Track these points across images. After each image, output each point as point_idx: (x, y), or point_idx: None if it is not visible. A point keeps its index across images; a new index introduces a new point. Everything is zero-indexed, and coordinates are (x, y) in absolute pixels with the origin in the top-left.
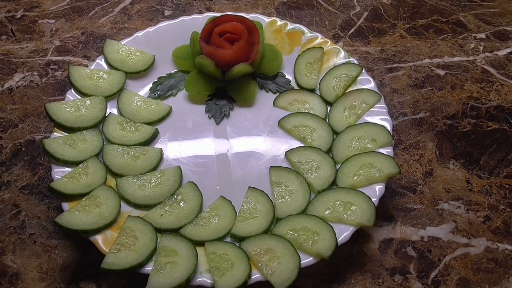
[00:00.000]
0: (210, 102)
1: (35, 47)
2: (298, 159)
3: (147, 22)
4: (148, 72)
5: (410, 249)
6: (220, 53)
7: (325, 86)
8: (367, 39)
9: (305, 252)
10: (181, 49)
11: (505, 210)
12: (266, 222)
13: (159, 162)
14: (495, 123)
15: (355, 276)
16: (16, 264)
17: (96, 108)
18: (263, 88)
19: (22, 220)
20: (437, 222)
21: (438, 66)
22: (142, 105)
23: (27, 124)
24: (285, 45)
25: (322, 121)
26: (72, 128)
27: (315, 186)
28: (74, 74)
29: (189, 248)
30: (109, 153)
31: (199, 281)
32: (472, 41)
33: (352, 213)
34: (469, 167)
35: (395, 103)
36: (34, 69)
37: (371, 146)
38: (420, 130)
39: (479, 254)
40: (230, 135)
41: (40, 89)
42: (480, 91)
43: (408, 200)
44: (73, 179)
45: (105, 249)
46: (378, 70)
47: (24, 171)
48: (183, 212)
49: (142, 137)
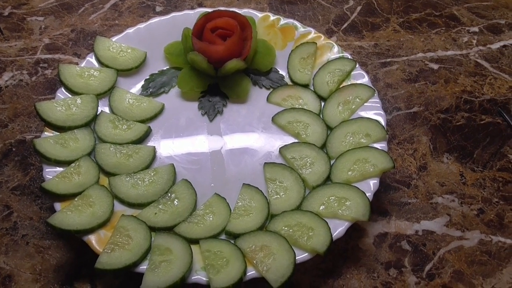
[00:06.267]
0: (203, 99)
1: (24, 45)
2: (293, 155)
3: (138, 18)
4: (140, 69)
5: (404, 243)
6: (212, 49)
7: (318, 82)
8: (360, 33)
9: (300, 248)
10: (173, 45)
11: (498, 202)
12: (261, 218)
13: (152, 160)
14: (489, 116)
15: (351, 271)
16: (9, 265)
17: (88, 107)
18: (257, 84)
19: (14, 221)
20: (431, 216)
21: (432, 60)
22: (134, 103)
23: (17, 124)
24: (278, 41)
25: (316, 116)
26: (63, 127)
27: (309, 182)
28: (64, 72)
29: (184, 246)
30: (102, 152)
31: (194, 279)
32: (466, 34)
33: (347, 208)
34: (462, 161)
35: (389, 97)
36: (23, 67)
37: (365, 141)
38: (414, 125)
39: (473, 247)
40: (224, 132)
41: (30, 88)
42: (474, 84)
43: (403, 195)
44: (65, 179)
45: (99, 249)
46: (372, 64)
47: (15, 172)
48: (177, 210)
49: (134, 135)
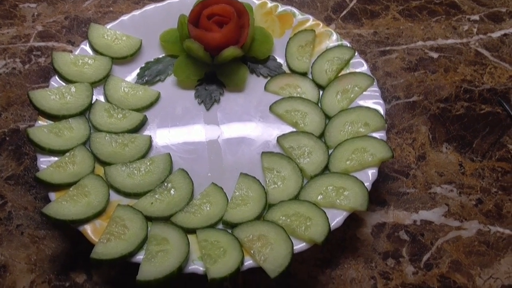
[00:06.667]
0: (199, 87)
1: (16, 32)
2: (290, 144)
3: (133, 5)
4: (135, 57)
5: (402, 233)
6: (209, 36)
7: (317, 70)
8: (359, 21)
9: (298, 237)
10: (168, 33)
11: (497, 193)
12: (258, 208)
13: (148, 150)
14: (488, 106)
15: (348, 261)
16: (4, 256)
17: (82, 95)
18: (254, 72)
19: (9, 211)
20: (430, 206)
21: (432, 48)
22: (129, 92)
23: (11, 113)
24: (276, 28)
25: (314, 105)
26: (57, 116)
27: (307, 172)
28: (58, 60)
29: (181, 236)
30: (97, 141)
31: (191, 268)
32: (466, 23)
33: (345, 198)
34: (461, 151)
35: (388, 86)
36: (16, 55)
37: (363, 130)
38: (413, 114)
39: (471, 237)
40: (221, 121)
41: (23, 76)
42: (474, 73)
43: (401, 184)
44: (59, 169)
45: (94, 239)
46: (371, 53)
47: (9, 161)
48: (174, 200)
49: (130, 124)
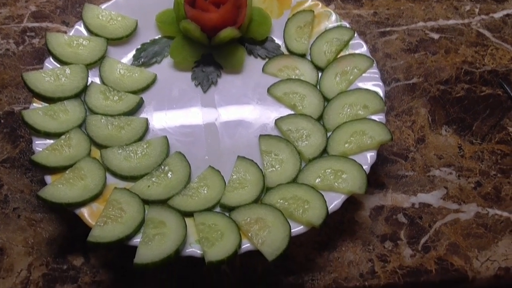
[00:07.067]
0: (196, 69)
1: (9, 13)
2: (289, 127)
3: None
4: (131, 38)
5: (401, 216)
6: (205, 17)
7: (316, 51)
8: (359, 1)
9: (296, 220)
10: (165, 13)
11: (496, 175)
12: (256, 191)
13: (144, 132)
14: (489, 88)
15: (346, 244)
16: (1, 239)
17: (77, 77)
18: (252, 54)
19: (5, 195)
20: (428, 189)
21: (433, 29)
22: (125, 73)
23: (5, 95)
24: (274, 8)
25: (313, 87)
26: (52, 98)
27: (306, 155)
28: (52, 41)
29: (178, 219)
30: (93, 124)
31: (189, 252)
32: (468, 3)
33: (343, 181)
34: (461, 133)
35: (387, 68)
36: (9, 36)
37: (363, 113)
38: (413, 96)
39: (469, 220)
40: (218, 103)
41: (17, 58)
42: (475, 55)
43: (400, 167)
44: (55, 152)
45: (91, 222)
46: (370, 34)
47: (4, 144)
48: (171, 183)
49: (126, 106)
